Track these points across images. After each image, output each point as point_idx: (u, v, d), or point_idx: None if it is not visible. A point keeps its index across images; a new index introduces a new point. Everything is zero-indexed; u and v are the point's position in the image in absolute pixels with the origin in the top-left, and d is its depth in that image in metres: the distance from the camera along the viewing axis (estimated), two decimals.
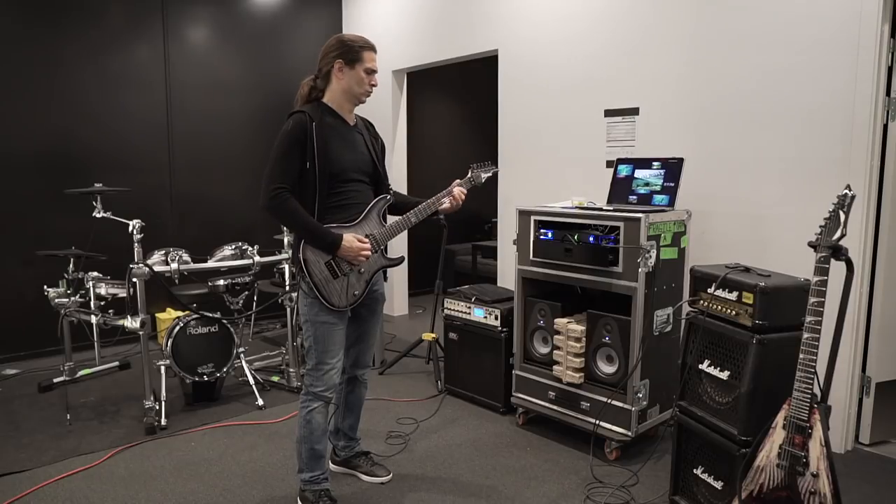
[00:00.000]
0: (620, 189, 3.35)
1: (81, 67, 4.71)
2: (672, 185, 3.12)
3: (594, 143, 4.01)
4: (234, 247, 3.80)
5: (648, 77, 3.69)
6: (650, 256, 2.81)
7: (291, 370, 3.90)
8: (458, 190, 2.57)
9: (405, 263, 5.89)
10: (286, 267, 3.94)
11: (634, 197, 3.27)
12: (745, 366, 2.13)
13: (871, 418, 3.09)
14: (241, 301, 3.99)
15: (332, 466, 2.85)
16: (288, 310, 3.90)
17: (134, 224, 3.30)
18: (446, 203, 2.56)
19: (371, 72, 2.50)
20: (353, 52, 2.44)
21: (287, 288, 3.94)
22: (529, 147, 4.45)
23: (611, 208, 3.10)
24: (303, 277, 2.39)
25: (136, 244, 3.29)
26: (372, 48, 2.51)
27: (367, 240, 2.43)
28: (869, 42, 2.83)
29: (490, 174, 2.69)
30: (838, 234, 1.90)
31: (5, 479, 2.81)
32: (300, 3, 5.81)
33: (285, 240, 3.98)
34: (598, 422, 2.99)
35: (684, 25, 3.50)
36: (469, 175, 2.64)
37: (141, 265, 3.27)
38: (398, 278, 5.90)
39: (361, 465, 2.84)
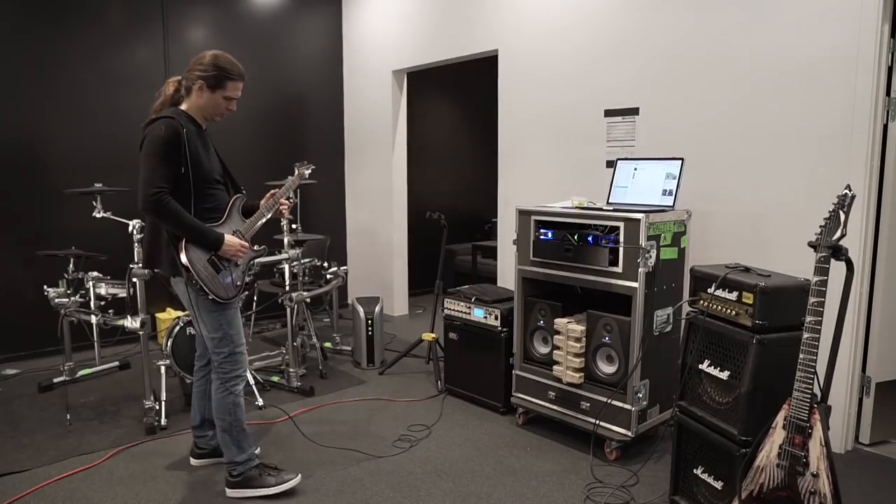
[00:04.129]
0: (620, 189, 3.35)
1: (81, 67, 4.71)
2: (672, 185, 3.12)
3: (594, 143, 4.01)
4: None
5: (648, 77, 3.69)
6: (650, 256, 2.81)
7: (291, 370, 3.90)
8: (283, 200, 2.76)
9: (405, 263, 5.90)
10: (286, 267, 3.94)
11: (635, 197, 3.27)
12: (745, 366, 2.13)
13: (871, 418, 3.09)
14: (241, 301, 3.98)
15: (195, 462, 2.93)
16: (288, 310, 3.90)
17: (134, 224, 3.30)
18: (285, 205, 2.77)
19: (229, 99, 2.61)
20: (218, 79, 2.56)
21: (287, 288, 3.94)
22: (529, 147, 4.45)
23: (611, 208, 3.10)
24: (190, 277, 2.47)
25: (136, 244, 3.29)
26: (240, 78, 2.62)
27: (241, 239, 2.60)
28: (869, 42, 2.83)
29: (309, 170, 2.91)
30: (838, 234, 1.90)
31: (5, 479, 2.81)
32: (300, 3, 5.82)
33: (285, 240, 3.98)
34: (598, 422, 2.99)
35: (684, 25, 3.50)
36: (295, 174, 2.84)
37: (141, 265, 3.27)
38: (398, 278, 5.90)
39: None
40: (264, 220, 2.72)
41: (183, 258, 2.45)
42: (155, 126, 2.46)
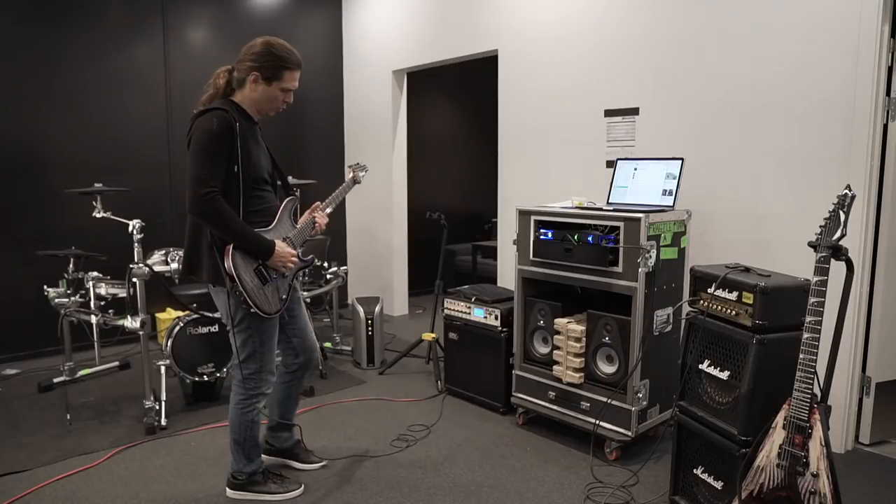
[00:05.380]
0: (620, 189, 3.35)
1: (81, 67, 4.71)
2: (672, 185, 3.12)
3: (594, 143, 4.01)
4: None
5: (648, 77, 3.69)
6: (650, 256, 2.81)
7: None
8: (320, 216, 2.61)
9: (405, 263, 5.90)
10: None
11: (635, 197, 3.27)
12: (745, 366, 2.13)
13: (871, 418, 3.09)
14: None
15: (264, 457, 2.84)
16: None
17: (134, 224, 3.30)
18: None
19: (287, 90, 2.41)
20: (274, 69, 2.34)
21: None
22: (529, 147, 4.45)
23: (611, 208, 3.10)
24: (234, 287, 2.27)
25: (136, 244, 3.29)
26: (297, 66, 2.39)
27: (292, 248, 2.44)
28: (869, 42, 2.83)
29: (364, 173, 2.83)
30: (838, 234, 1.90)
31: (5, 479, 2.81)
32: (300, 3, 5.82)
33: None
34: (598, 422, 2.99)
35: (684, 25, 3.50)
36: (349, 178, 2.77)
37: (141, 265, 3.27)
38: (398, 278, 5.90)
39: (300, 455, 2.88)
40: (309, 232, 2.57)
41: (228, 265, 2.23)
42: (205, 119, 2.25)
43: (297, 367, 2.73)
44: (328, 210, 2.61)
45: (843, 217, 1.90)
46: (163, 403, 3.42)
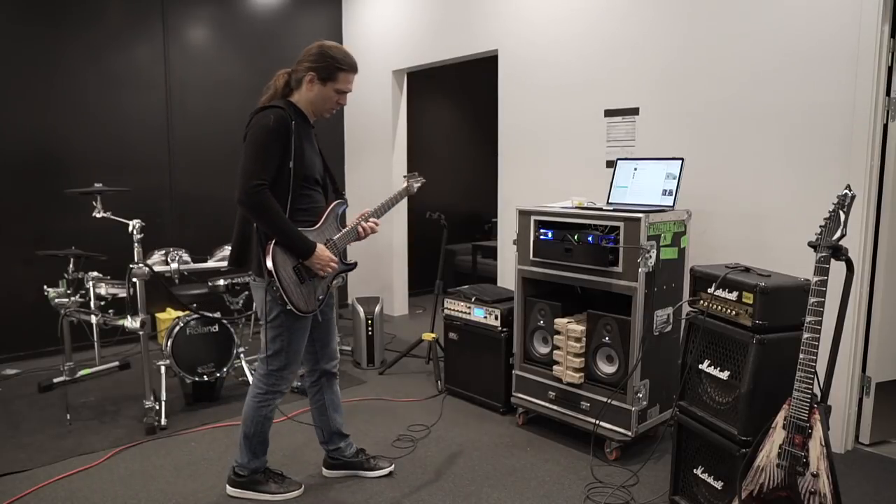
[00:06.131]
0: (620, 189, 3.35)
1: (81, 67, 4.71)
2: (672, 185, 3.12)
3: (594, 143, 4.01)
4: None
5: (648, 77, 3.69)
6: (650, 256, 2.81)
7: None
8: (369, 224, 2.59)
9: (405, 263, 5.90)
10: None
11: (634, 197, 3.27)
12: (745, 366, 2.13)
13: (871, 418, 3.09)
14: (241, 301, 3.99)
15: (327, 472, 2.83)
16: None
17: (134, 224, 3.30)
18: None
19: (342, 92, 2.47)
20: (329, 70, 2.40)
21: None
22: (529, 147, 4.45)
23: (611, 208, 3.10)
24: (271, 283, 2.32)
25: (136, 244, 3.29)
26: (352, 69, 2.45)
27: (332, 253, 2.44)
28: (869, 42, 2.83)
29: (419, 184, 2.84)
30: (838, 234, 1.90)
31: (5, 479, 2.81)
32: (300, 3, 5.82)
33: None
34: (598, 422, 2.99)
35: (684, 25, 3.50)
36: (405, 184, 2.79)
37: (141, 265, 3.27)
38: (398, 278, 5.91)
39: (365, 463, 2.84)
40: (355, 236, 2.57)
41: (268, 262, 2.29)
42: (263, 115, 2.34)
43: (319, 375, 2.72)
44: (376, 218, 2.62)
45: (843, 217, 1.90)
46: (163, 403, 3.42)
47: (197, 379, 3.56)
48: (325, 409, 2.74)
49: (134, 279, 3.28)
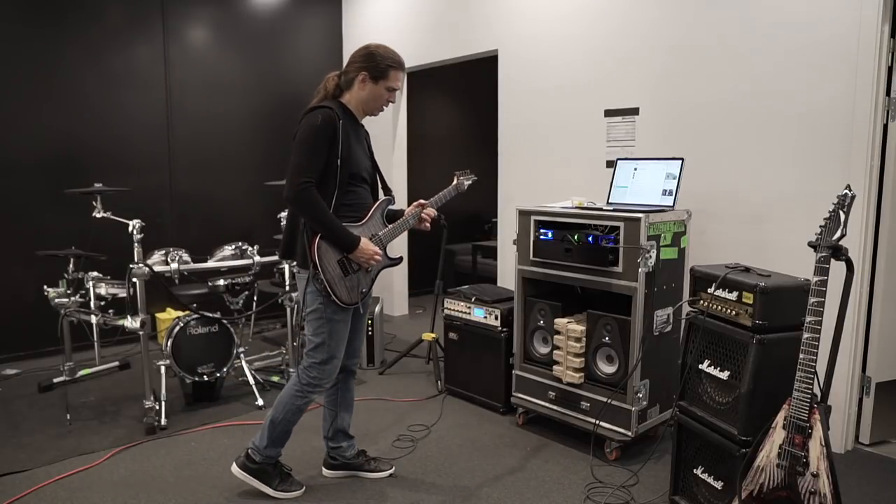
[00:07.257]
0: (620, 189, 3.35)
1: (81, 67, 4.71)
2: (672, 185, 3.12)
3: (594, 143, 4.01)
4: (234, 247, 3.81)
5: (648, 77, 3.69)
6: (650, 256, 2.81)
7: (291, 370, 3.90)
8: (431, 211, 2.70)
9: (405, 263, 5.90)
10: (286, 267, 3.94)
11: (635, 197, 3.27)
12: (745, 366, 2.13)
13: (871, 418, 3.09)
14: (241, 301, 3.99)
15: (327, 472, 2.84)
16: (288, 310, 3.90)
17: (134, 224, 3.30)
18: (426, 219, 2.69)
19: (392, 90, 2.57)
20: (380, 69, 2.52)
21: (287, 288, 3.93)
22: (529, 147, 4.45)
23: (611, 208, 3.10)
24: (316, 275, 2.41)
25: (136, 244, 3.29)
26: (400, 67, 2.58)
27: (377, 247, 2.51)
28: (869, 42, 2.83)
29: (470, 181, 2.89)
30: (838, 234, 1.90)
31: (5, 479, 2.81)
32: (300, 3, 5.82)
33: None
34: (598, 422, 2.99)
35: (684, 25, 3.50)
36: (455, 182, 2.84)
37: (141, 265, 3.27)
38: (398, 278, 5.90)
39: (365, 465, 2.84)
40: (407, 228, 2.65)
41: (313, 252, 2.38)
42: (312, 115, 2.42)
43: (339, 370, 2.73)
44: (432, 208, 2.70)
45: (843, 217, 1.90)
46: (163, 403, 3.42)
47: (197, 379, 3.56)
48: (336, 405, 2.78)
49: (134, 279, 3.28)
